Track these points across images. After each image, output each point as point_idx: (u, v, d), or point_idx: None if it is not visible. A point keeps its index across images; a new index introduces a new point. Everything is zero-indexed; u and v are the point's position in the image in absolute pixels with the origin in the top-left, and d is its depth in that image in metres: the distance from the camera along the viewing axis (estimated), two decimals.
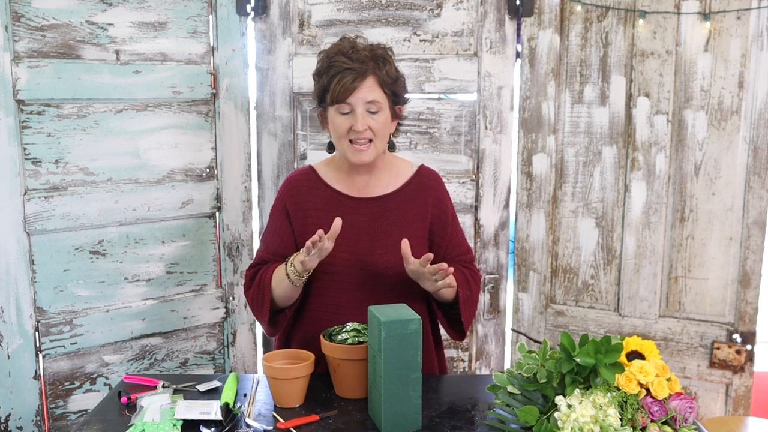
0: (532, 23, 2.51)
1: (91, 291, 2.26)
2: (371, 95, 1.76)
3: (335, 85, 1.75)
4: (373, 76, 1.76)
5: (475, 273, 1.94)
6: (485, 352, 2.66)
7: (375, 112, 1.77)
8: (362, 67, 1.75)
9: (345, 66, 1.75)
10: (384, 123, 1.79)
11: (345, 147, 1.80)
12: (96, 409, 1.67)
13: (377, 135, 1.78)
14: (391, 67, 1.80)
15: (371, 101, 1.76)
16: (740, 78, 2.37)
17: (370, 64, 1.76)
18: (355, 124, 1.75)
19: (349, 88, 1.74)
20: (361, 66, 1.75)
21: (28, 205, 2.10)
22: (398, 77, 1.82)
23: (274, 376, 1.64)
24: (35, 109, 2.11)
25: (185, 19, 2.36)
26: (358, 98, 1.75)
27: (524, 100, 2.57)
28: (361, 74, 1.74)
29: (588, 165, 2.56)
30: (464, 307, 1.84)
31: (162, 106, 2.35)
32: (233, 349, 2.57)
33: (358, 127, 1.75)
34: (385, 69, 1.78)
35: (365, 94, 1.75)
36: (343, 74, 1.74)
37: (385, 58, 1.80)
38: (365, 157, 1.79)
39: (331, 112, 1.79)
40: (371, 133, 1.77)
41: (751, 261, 2.42)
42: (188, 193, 2.41)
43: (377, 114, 1.77)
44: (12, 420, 2.11)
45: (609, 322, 2.60)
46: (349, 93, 1.74)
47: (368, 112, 1.76)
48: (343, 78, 1.74)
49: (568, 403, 1.41)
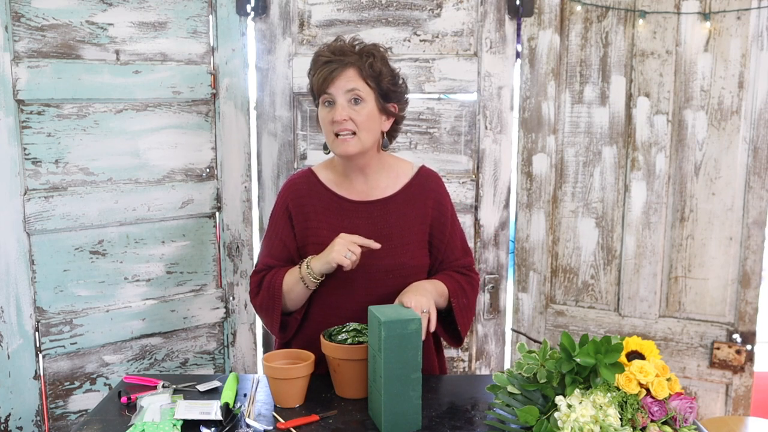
0: (532, 23, 2.52)
1: (91, 291, 2.26)
2: (350, 84, 1.76)
3: (315, 76, 1.78)
4: (353, 67, 1.77)
5: (472, 278, 1.94)
6: (485, 352, 2.66)
7: (357, 103, 1.77)
8: (342, 59, 1.77)
9: (325, 59, 1.78)
10: (368, 116, 1.78)
11: (332, 140, 1.81)
12: (96, 409, 1.67)
13: (360, 127, 1.77)
14: (376, 61, 1.79)
15: (350, 89, 1.76)
16: (740, 78, 2.37)
17: (352, 57, 1.78)
18: (335, 113, 1.76)
19: (328, 78, 1.76)
20: (342, 58, 1.77)
21: (28, 205, 2.10)
22: (382, 71, 1.80)
23: (274, 376, 1.64)
24: (35, 109, 2.11)
25: (185, 19, 2.36)
26: (337, 87, 1.76)
27: (524, 100, 2.57)
28: (340, 65, 1.76)
29: (588, 165, 2.56)
30: (459, 315, 1.86)
31: (162, 106, 2.35)
32: (233, 349, 2.57)
33: (336, 116, 1.75)
34: (369, 62, 1.78)
35: (344, 83, 1.76)
36: (323, 66, 1.77)
37: (372, 53, 1.80)
38: (349, 147, 1.78)
39: (319, 108, 1.82)
40: (353, 124, 1.77)
41: (751, 261, 2.42)
42: (188, 193, 2.41)
43: (359, 105, 1.77)
44: (12, 420, 2.11)
45: (609, 322, 2.60)
46: (329, 83, 1.76)
47: (350, 103, 1.77)
48: (322, 69, 1.77)
49: (568, 403, 1.41)
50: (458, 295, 1.86)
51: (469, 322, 1.91)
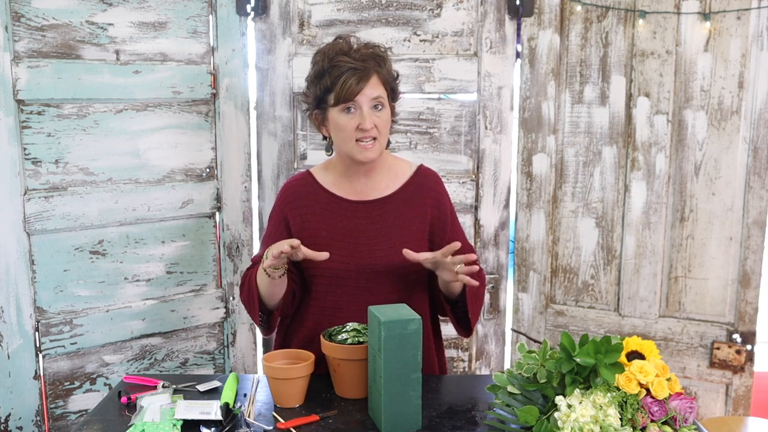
0: (532, 23, 2.51)
1: (91, 291, 2.26)
2: (375, 92, 1.77)
3: (341, 85, 1.75)
4: (375, 74, 1.78)
5: (480, 271, 1.93)
6: (485, 352, 2.66)
7: (379, 110, 1.79)
8: (365, 66, 1.77)
9: (349, 65, 1.76)
10: (387, 120, 1.82)
11: (352, 147, 1.79)
12: (96, 409, 1.67)
13: (381, 132, 1.80)
14: (390, 65, 1.84)
15: (376, 97, 1.77)
16: (740, 78, 2.36)
17: (371, 62, 1.79)
18: (363, 122, 1.76)
19: (355, 88, 1.75)
20: (364, 64, 1.77)
21: (28, 205, 2.10)
22: (395, 75, 1.87)
23: (274, 376, 1.64)
24: (35, 109, 2.11)
25: (185, 19, 2.36)
26: (364, 95, 1.76)
27: (524, 100, 2.57)
28: (366, 73, 1.76)
29: (588, 165, 2.56)
30: (471, 302, 1.83)
31: (162, 106, 2.35)
32: (233, 349, 2.57)
33: (366, 125, 1.76)
34: (386, 67, 1.82)
35: (371, 91, 1.77)
36: (348, 74, 1.75)
37: (383, 57, 1.83)
38: (371, 154, 1.80)
39: (333, 113, 1.79)
40: (376, 131, 1.78)
41: (751, 261, 2.42)
42: (188, 193, 2.41)
43: (381, 111, 1.79)
44: (12, 420, 2.11)
45: (609, 322, 2.60)
46: (357, 92, 1.75)
47: (373, 109, 1.78)
48: (349, 78, 1.75)
49: (568, 403, 1.41)
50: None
51: (479, 311, 1.90)
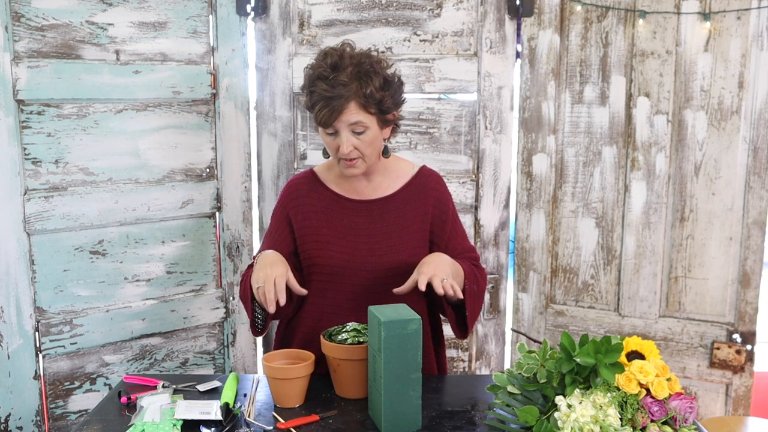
0: (532, 23, 2.51)
1: (91, 291, 2.26)
2: (354, 118, 1.73)
3: (317, 112, 1.74)
4: (353, 101, 1.72)
5: (481, 269, 1.93)
6: (485, 352, 2.66)
7: (360, 133, 1.76)
8: (342, 93, 1.71)
9: (325, 95, 1.72)
10: (371, 140, 1.78)
11: (337, 162, 1.82)
12: (96, 409, 1.67)
13: (364, 152, 1.78)
14: (377, 81, 1.74)
15: (354, 123, 1.74)
16: (740, 78, 2.37)
17: (352, 86, 1.71)
18: (341, 147, 1.76)
19: (329, 119, 1.73)
20: (342, 91, 1.71)
21: (28, 205, 2.10)
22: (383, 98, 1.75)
23: (274, 376, 1.64)
24: (35, 109, 2.11)
25: (185, 19, 2.36)
26: (341, 122, 1.74)
27: (524, 100, 2.57)
28: (343, 100, 1.71)
29: (588, 165, 2.56)
30: (470, 301, 1.80)
31: (162, 106, 2.35)
32: (233, 349, 2.57)
33: (343, 150, 1.75)
34: (370, 89, 1.72)
35: (347, 117, 1.73)
36: (322, 104, 1.72)
37: (369, 74, 1.74)
38: (356, 170, 1.81)
39: (321, 130, 1.80)
40: (358, 152, 1.77)
41: (751, 261, 2.42)
42: (188, 193, 2.41)
43: (363, 134, 1.76)
44: (12, 420, 2.11)
45: (609, 322, 2.60)
46: (332, 122, 1.74)
47: (353, 133, 1.76)
48: (323, 108, 1.72)
49: (568, 403, 1.41)
50: (471, 280, 1.82)
51: (478, 311, 1.87)
